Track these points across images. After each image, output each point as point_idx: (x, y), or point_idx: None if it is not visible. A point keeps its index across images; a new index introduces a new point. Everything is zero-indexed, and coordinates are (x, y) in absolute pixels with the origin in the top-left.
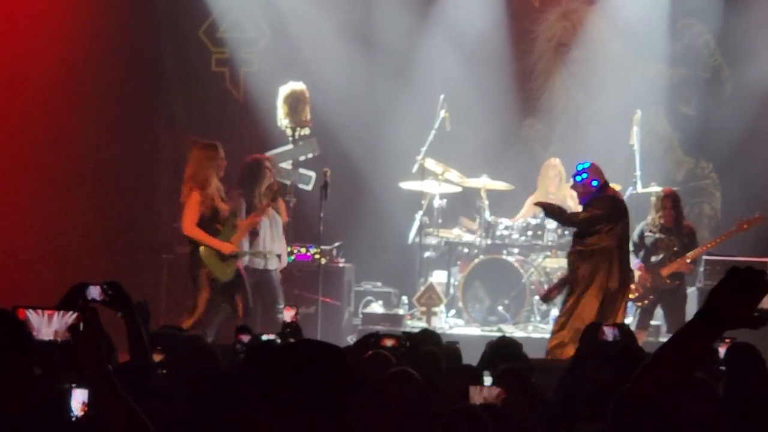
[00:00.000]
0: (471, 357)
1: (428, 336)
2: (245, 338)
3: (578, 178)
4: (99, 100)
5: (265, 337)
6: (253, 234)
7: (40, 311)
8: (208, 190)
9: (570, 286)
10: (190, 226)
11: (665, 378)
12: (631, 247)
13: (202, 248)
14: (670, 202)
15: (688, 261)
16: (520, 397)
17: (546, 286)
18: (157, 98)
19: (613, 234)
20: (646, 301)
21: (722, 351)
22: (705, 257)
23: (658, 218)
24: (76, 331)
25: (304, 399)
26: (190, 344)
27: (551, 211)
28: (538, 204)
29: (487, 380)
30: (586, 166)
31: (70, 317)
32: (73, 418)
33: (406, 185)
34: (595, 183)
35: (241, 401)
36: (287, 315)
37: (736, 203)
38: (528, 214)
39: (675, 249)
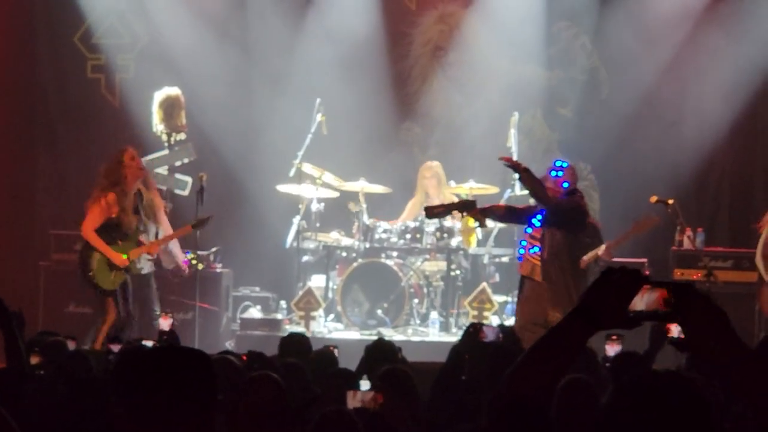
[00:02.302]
0: (351, 361)
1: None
2: (115, 348)
3: (553, 174)
4: None
5: (145, 344)
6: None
7: None
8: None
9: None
10: (88, 229)
11: (537, 376)
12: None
13: (95, 252)
14: None
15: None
16: (397, 400)
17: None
18: (33, 104)
19: (569, 238)
20: None
21: (610, 349)
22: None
23: None
24: None
25: (169, 404)
26: (62, 349)
27: (528, 178)
28: (506, 159)
29: (365, 384)
30: (565, 165)
31: None
32: None
33: (283, 188)
34: (565, 185)
35: (111, 407)
36: (164, 323)
37: (614, 204)
38: (409, 217)
39: None
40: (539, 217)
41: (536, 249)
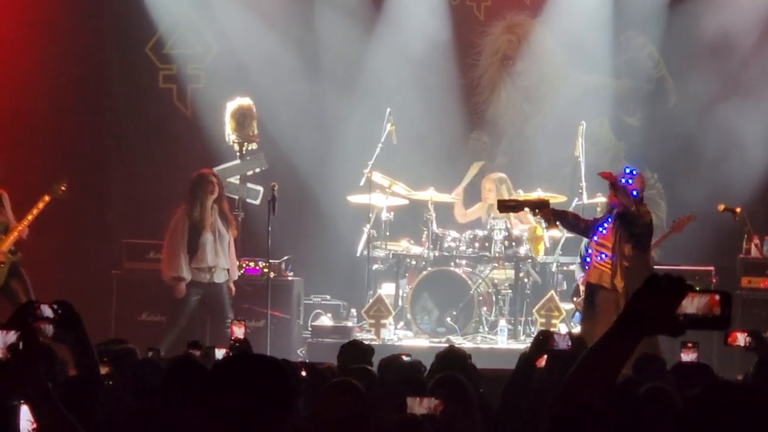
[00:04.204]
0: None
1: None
2: (196, 353)
3: (623, 180)
4: (47, 118)
5: (217, 351)
6: (194, 249)
7: None
8: None
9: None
10: None
11: (591, 382)
12: (578, 260)
13: None
14: None
15: None
16: (461, 407)
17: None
18: (105, 115)
19: (647, 250)
20: None
21: (685, 357)
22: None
23: None
24: (16, 349)
25: (245, 411)
26: (132, 357)
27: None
28: (602, 175)
29: None
30: (634, 173)
31: (12, 336)
32: None
33: (353, 198)
34: (635, 193)
35: (182, 415)
36: (238, 331)
37: (680, 212)
38: (473, 215)
39: None
40: (605, 225)
41: (604, 256)
